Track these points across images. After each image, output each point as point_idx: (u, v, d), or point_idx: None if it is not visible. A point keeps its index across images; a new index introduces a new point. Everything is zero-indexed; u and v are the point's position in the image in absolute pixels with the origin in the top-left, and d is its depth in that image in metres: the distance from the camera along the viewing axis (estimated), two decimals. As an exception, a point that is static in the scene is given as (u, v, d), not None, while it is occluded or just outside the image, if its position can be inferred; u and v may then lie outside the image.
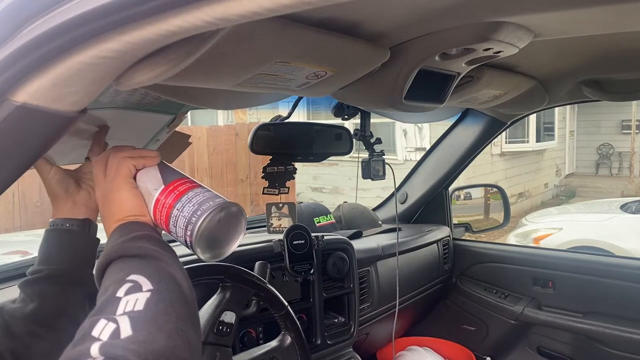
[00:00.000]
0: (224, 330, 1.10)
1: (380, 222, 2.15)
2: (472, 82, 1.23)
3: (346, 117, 1.45)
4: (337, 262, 1.56)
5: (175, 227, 0.68)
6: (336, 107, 1.44)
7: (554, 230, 4.78)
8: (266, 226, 1.59)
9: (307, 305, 1.52)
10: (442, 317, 2.23)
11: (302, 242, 1.43)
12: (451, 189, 2.27)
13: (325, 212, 1.96)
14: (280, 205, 1.57)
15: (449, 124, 2.11)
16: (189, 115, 1.16)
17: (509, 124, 2.00)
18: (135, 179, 0.73)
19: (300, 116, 7.67)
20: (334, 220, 1.97)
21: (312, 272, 1.44)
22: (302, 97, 1.23)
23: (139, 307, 0.53)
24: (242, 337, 1.35)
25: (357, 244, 1.70)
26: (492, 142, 2.24)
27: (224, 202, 0.68)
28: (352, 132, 1.52)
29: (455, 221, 2.30)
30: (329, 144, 1.49)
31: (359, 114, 1.52)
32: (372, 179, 1.58)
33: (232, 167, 6.59)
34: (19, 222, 4.69)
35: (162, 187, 0.70)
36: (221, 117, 9.21)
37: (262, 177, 1.37)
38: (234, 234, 0.71)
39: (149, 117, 0.99)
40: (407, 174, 2.29)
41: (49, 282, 0.81)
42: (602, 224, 4.72)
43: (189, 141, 1.16)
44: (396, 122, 6.16)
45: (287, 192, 1.42)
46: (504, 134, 7.29)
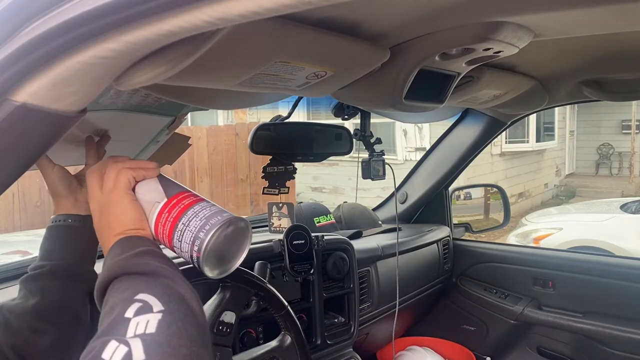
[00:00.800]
0: (224, 330, 1.10)
1: (380, 222, 2.15)
2: (472, 82, 1.23)
3: (346, 117, 1.45)
4: (337, 262, 1.56)
5: (180, 241, 0.65)
6: (336, 107, 1.44)
7: (554, 230, 4.78)
8: (268, 225, 1.59)
9: (307, 305, 1.52)
10: (442, 317, 2.23)
11: (302, 242, 1.42)
12: (451, 189, 2.27)
13: (325, 212, 1.96)
14: (280, 205, 1.57)
15: (449, 124, 2.11)
16: (189, 115, 1.16)
17: (509, 124, 2.00)
18: (134, 191, 0.70)
19: (300, 116, 7.67)
20: (334, 220, 1.97)
21: (312, 272, 1.44)
22: (302, 97, 1.23)
23: (151, 329, 0.51)
24: (242, 337, 1.35)
25: (357, 244, 1.70)
26: (492, 142, 2.24)
27: (231, 217, 0.66)
28: (352, 132, 1.52)
29: (455, 221, 2.30)
30: (328, 144, 1.49)
31: (359, 114, 1.52)
32: (372, 179, 1.58)
33: (232, 167, 6.59)
34: (19, 222, 4.69)
35: (165, 199, 0.67)
36: (221, 117, 9.21)
37: (262, 177, 1.37)
38: (239, 250, 0.70)
39: (149, 119, 0.99)
40: (407, 174, 2.29)
41: (51, 277, 0.81)
42: (602, 224, 4.72)
43: (189, 143, 1.16)
44: (396, 122, 6.16)
45: (287, 192, 1.42)
46: (504, 134, 7.29)
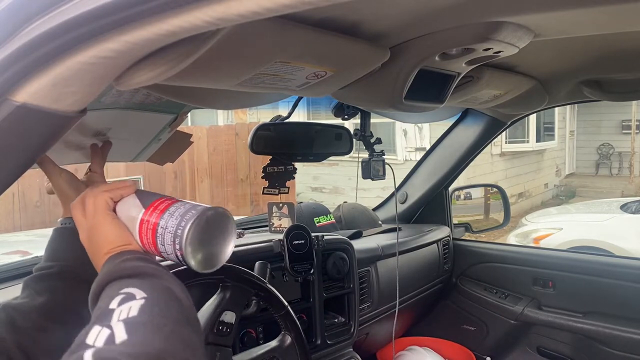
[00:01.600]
0: (224, 330, 1.10)
1: (380, 222, 2.15)
2: (472, 82, 1.23)
3: (346, 117, 1.45)
4: (337, 262, 1.56)
5: (163, 245, 0.67)
6: (336, 107, 1.44)
7: (554, 230, 4.78)
8: (268, 225, 1.59)
9: (307, 305, 1.52)
10: (442, 317, 2.23)
11: (302, 242, 1.42)
12: (451, 189, 2.27)
13: (325, 212, 1.96)
14: (280, 205, 1.57)
15: (449, 124, 2.11)
16: (189, 115, 1.16)
17: (509, 124, 2.00)
18: (115, 211, 0.73)
19: (300, 116, 7.67)
20: (334, 220, 1.97)
21: (312, 272, 1.44)
22: (302, 97, 1.23)
23: (134, 313, 0.52)
24: (242, 337, 1.34)
25: (357, 244, 1.70)
26: (492, 142, 2.24)
27: (205, 208, 0.67)
28: (352, 132, 1.52)
29: (455, 221, 2.30)
30: (329, 144, 1.49)
31: (359, 114, 1.52)
32: (372, 179, 1.58)
33: (232, 167, 6.58)
34: (19, 222, 4.69)
35: (143, 210, 0.70)
36: (221, 117, 9.21)
37: (262, 177, 1.37)
38: (225, 239, 0.71)
39: (151, 117, 1.00)
40: (407, 174, 2.29)
41: (59, 278, 0.82)
42: (602, 224, 4.72)
43: (190, 140, 1.16)
44: (396, 122, 6.16)
45: (287, 192, 1.42)
46: (504, 134, 7.28)
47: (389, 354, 1.94)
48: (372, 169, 1.59)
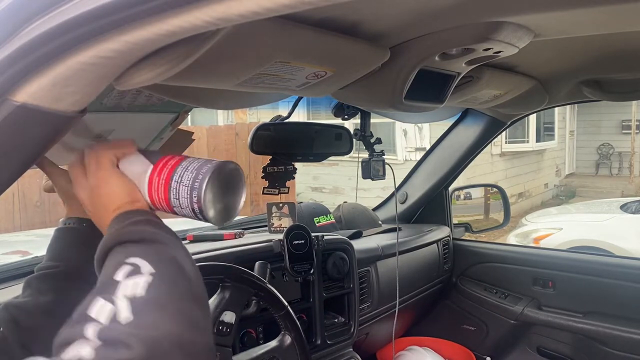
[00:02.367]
0: (224, 330, 1.10)
1: (380, 222, 2.15)
2: (472, 82, 1.23)
3: (346, 117, 1.45)
4: (337, 262, 1.56)
5: (177, 199, 0.66)
6: (336, 107, 1.44)
7: (554, 230, 4.78)
8: (267, 226, 1.59)
9: (307, 305, 1.52)
10: (442, 317, 2.23)
11: (302, 242, 1.42)
12: (451, 189, 2.27)
13: (325, 212, 1.96)
14: (280, 205, 1.57)
15: (449, 124, 2.11)
16: (189, 115, 1.16)
17: (509, 124, 2.00)
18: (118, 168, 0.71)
19: (300, 116, 7.67)
20: (334, 220, 1.97)
21: (312, 272, 1.44)
22: (302, 97, 1.23)
23: (140, 292, 0.51)
24: (242, 337, 1.34)
25: (357, 244, 1.70)
26: (492, 142, 2.24)
27: (220, 162, 0.67)
28: (352, 132, 1.52)
29: (455, 221, 2.30)
30: (329, 144, 1.49)
31: (359, 114, 1.52)
32: (372, 179, 1.58)
33: (232, 167, 6.57)
34: (19, 222, 4.69)
35: (152, 166, 0.68)
36: (221, 117, 9.21)
37: (262, 177, 1.37)
38: (238, 192, 0.71)
39: (152, 117, 1.00)
40: (407, 174, 2.29)
41: (64, 278, 0.81)
42: (602, 224, 4.72)
43: (192, 138, 1.16)
44: (396, 122, 6.16)
45: (287, 192, 1.42)
46: (504, 134, 7.28)
47: (389, 354, 1.94)
48: (372, 169, 1.59)
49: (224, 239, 1.53)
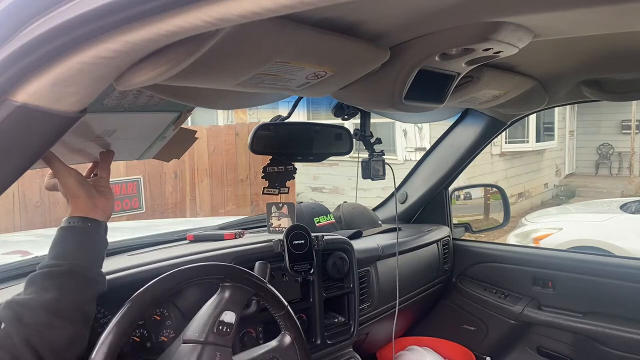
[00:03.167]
0: (224, 330, 1.10)
1: (380, 222, 2.15)
2: (472, 82, 1.23)
3: (346, 117, 1.45)
4: (337, 262, 1.55)
5: None
6: (336, 107, 1.44)
7: (554, 230, 4.78)
8: (267, 226, 1.59)
9: (307, 305, 1.52)
10: (442, 317, 2.23)
11: (302, 242, 1.42)
12: (451, 189, 2.27)
13: (325, 212, 1.96)
14: (280, 205, 1.57)
15: (449, 124, 2.11)
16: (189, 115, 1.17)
17: (509, 124, 2.00)
18: None
19: (300, 116, 7.67)
20: (334, 220, 1.97)
21: (312, 272, 1.44)
22: (302, 97, 1.23)
23: None
24: (242, 337, 1.34)
25: (357, 244, 1.70)
26: (492, 142, 2.24)
27: None
28: (352, 132, 1.52)
29: (455, 221, 2.30)
30: (329, 144, 1.49)
31: (359, 114, 1.52)
32: (372, 179, 1.58)
33: (232, 167, 6.58)
34: (19, 222, 4.69)
35: None
36: (221, 117, 9.21)
37: (262, 177, 1.38)
38: None
39: (155, 117, 1.01)
40: (407, 174, 2.29)
41: (69, 277, 0.82)
42: (602, 224, 4.72)
43: (195, 136, 1.17)
44: (396, 122, 6.16)
45: (287, 192, 1.42)
46: (504, 134, 7.29)
47: (388, 354, 1.94)
48: (372, 169, 1.59)
49: (224, 239, 1.54)
